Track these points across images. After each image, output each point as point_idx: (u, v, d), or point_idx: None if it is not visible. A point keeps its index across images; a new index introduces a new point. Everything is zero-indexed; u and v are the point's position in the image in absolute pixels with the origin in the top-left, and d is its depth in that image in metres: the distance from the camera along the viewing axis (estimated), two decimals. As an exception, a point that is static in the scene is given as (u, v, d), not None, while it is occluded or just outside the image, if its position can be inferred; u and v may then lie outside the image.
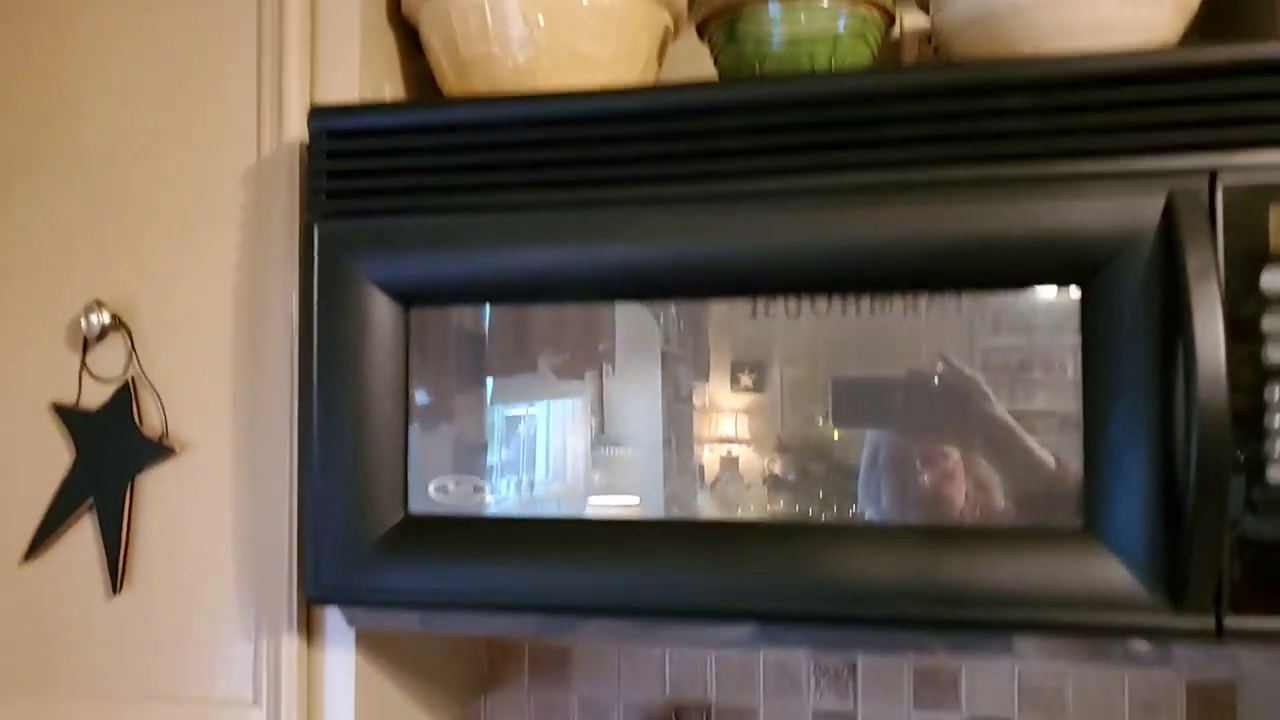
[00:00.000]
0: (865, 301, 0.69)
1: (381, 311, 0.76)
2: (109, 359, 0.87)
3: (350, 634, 0.84)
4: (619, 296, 0.73)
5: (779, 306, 0.70)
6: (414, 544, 0.75)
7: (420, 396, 0.76)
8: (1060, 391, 0.66)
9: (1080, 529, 0.65)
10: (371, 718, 0.88)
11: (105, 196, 0.87)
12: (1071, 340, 0.66)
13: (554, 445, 0.75)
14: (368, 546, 0.76)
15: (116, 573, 0.86)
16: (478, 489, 0.76)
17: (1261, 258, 0.62)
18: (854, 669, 1.05)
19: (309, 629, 0.84)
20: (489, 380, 0.76)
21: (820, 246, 0.68)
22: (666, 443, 0.72)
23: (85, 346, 0.87)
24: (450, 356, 0.76)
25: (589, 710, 1.11)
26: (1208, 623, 0.62)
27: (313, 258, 0.76)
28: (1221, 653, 0.66)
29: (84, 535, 0.87)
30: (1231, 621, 0.62)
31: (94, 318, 0.85)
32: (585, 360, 0.74)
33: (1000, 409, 0.67)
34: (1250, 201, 0.62)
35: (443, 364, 0.76)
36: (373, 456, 0.76)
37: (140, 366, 0.86)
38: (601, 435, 0.73)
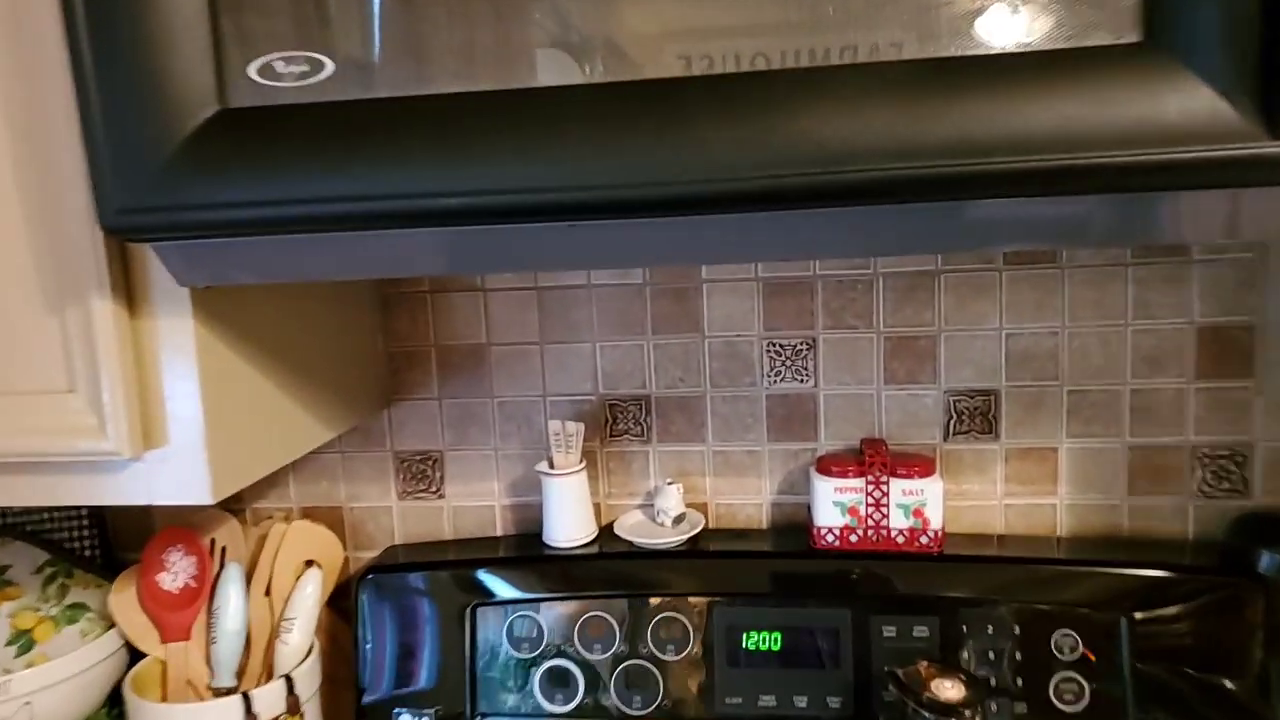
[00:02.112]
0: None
1: None
2: None
3: (184, 298, 0.66)
4: None
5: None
6: (236, 144, 0.55)
7: (223, -61, 0.54)
8: None
9: (1138, 43, 0.48)
10: (228, 410, 0.71)
11: None
12: None
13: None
14: (172, 153, 0.55)
15: None
16: (317, 66, 0.55)
17: None
18: (813, 344, 0.90)
19: (128, 294, 0.65)
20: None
21: None
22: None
23: None
24: None
25: (511, 414, 0.96)
26: (1309, 148, 0.46)
27: None
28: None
29: None
30: (1340, 141, 0.46)
31: None
32: None
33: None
34: None
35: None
36: (166, 32, 0.54)
37: None
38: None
